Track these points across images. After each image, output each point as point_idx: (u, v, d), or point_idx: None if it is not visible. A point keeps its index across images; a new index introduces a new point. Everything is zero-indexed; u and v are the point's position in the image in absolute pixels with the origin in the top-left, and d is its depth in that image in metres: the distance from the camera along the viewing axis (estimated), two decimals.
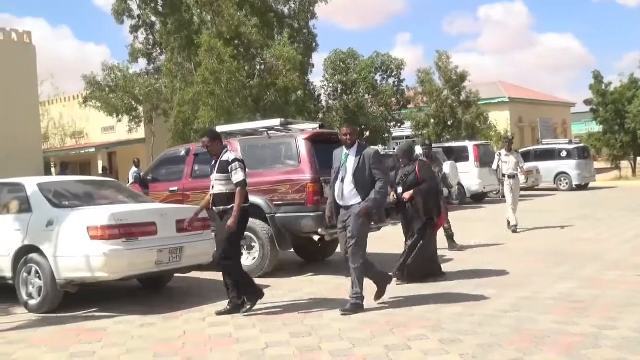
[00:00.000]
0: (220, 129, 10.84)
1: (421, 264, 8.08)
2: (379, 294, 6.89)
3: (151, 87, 25.35)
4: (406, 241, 8.29)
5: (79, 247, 6.85)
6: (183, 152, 10.40)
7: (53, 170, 28.94)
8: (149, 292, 8.32)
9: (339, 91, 31.98)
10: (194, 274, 8.53)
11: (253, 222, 8.92)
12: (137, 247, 6.96)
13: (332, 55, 32.52)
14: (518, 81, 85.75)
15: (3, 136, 19.53)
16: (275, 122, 9.92)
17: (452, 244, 10.74)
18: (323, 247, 10.35)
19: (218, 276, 8.92)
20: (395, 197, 8.26)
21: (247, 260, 8.97)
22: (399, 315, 6.35)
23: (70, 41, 77.79)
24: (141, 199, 8.58)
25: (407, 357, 5.00)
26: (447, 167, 11.59)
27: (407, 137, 35.68)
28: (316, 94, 31.27)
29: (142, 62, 28.06)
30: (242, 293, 6.74)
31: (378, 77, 32.41)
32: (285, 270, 9.34)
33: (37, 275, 7.15)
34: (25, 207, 7.62)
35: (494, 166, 13.64)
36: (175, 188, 9.90)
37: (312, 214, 8.65)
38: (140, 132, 27.35)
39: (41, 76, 25.22)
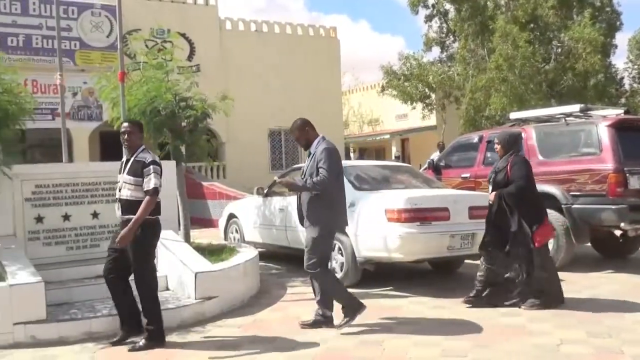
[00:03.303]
0: (514, 115, 10.67)
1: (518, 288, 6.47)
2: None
3: (444, 74, 25.74)
4: (482, 253, 6.70)
5: (377, 228, 7.30)
6: (476, 139, 10.39)
7: (352, 155, 31.05)
8: (439, 276, 8.53)
9: None
10: None
11: (548, 212, 8.63)
12: (431, 231, 7.18)
13: (637, 34, 29.60)
14: None
15: (312, 122, 21.55)
16: (574, 107, 9.42)
17: None
18: (625, 243, 9.56)
19: None
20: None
21: None
22: None
23: (368, 34, 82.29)
24: (434, 185, 8.80)
25: None
26: None
27: None
28: (618, 77, 28.75)
29: (436, 51, 28.65)
30: (147, 318, 5.50)
31: None
32: (582, 265, 8.84)
33: (340, 252, 7.78)
34: None
35: None
36: (468, 175, 9.95)
37: (613, 207, 8.07)
38: (432, 119, 27.94)
39: (343, 68, 27.15)
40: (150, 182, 5.33)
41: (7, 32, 17.16)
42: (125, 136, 5.52)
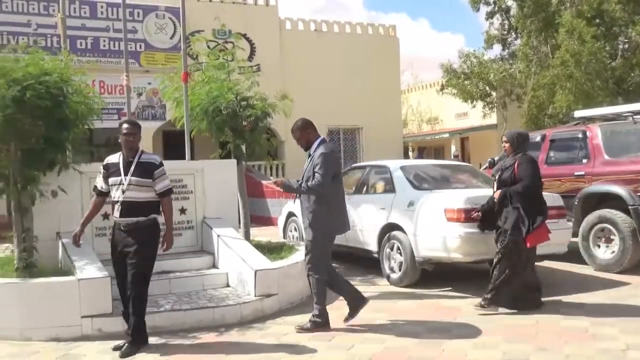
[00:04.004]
0: (578, 113, 10.41)
1: (508, 290, 6.38)
2: (350, 315, 6.08)
3: (505, 72, 25.24)
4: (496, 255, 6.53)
5: (436, 227, 7.25)
6: (538, 138, 10.18)
7: (410, 154, 30.83)
8: None
9: None
10: (546, 263, 8.39)
11: (613, 213, 8.40)
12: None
13: None
14: None
15: (370, 121, 21.60)
16: None
17: None
18: None
19: (573, 267, 8.67)
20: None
21: (605, 254, 8.49)
22: None
23: (427, 32, 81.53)
24: None
25: None
26: None
27: None
28: None
29: (497, 48, 28.15)
30: (136, 333, 5.32)
31: None
32: None
33: (399, 251, 7.76)
34: (390, 187, 8.33)
35: None
36: None
37: None
38: (492, 118, 27.48)
39: (402, 66, 26.95)
40: (164, 183, 5.45)
41: (76, 35, 17.68)
42: (130, 137, 5.51)
